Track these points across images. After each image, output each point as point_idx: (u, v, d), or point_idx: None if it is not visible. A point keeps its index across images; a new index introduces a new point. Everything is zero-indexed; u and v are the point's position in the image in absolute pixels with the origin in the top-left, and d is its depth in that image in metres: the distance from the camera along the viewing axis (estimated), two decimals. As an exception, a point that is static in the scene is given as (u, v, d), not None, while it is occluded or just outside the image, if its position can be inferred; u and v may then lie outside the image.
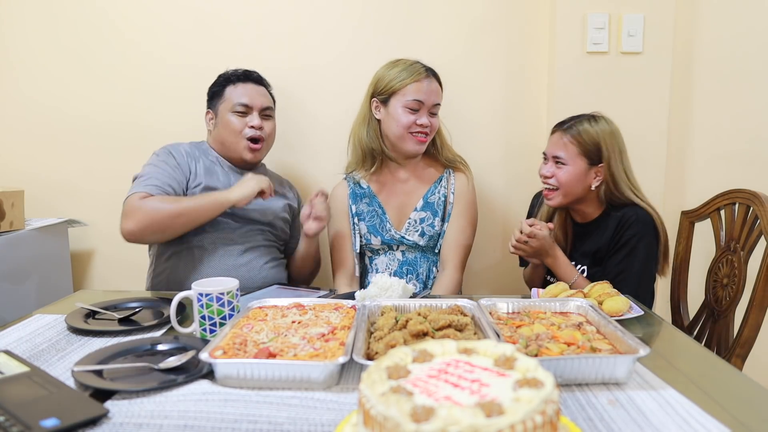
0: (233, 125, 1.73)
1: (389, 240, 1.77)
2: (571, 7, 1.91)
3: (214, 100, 1.78)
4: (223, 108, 1.75)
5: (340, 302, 1.25)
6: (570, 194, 1.61)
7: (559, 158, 1.60)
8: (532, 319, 1.15)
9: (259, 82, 1.80)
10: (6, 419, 0.79)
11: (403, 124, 1.69)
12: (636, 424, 0.82)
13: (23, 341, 1.17)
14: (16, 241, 1.82)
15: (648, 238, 1.58)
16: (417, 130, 1.70)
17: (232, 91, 1.75)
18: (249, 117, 1.74)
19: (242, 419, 0.84)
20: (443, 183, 1.79)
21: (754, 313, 1.59)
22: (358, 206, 1.80)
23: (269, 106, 1.80)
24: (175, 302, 1.17)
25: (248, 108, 1.74)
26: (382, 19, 2.04)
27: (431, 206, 1.77)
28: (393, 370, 0.68)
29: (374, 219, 1.78)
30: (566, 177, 1.59)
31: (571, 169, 1.59)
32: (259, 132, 1.74)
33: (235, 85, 1.75)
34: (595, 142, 1.58)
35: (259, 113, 1.75)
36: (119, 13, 2.05)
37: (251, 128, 1.73)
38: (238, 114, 1.73)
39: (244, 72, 1.79)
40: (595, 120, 1.60)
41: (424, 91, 1.68)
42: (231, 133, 1.73)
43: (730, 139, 2.05)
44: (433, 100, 1.70)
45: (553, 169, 1.61)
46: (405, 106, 1.68)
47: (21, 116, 2.11)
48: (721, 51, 2.01)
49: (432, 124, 1.71)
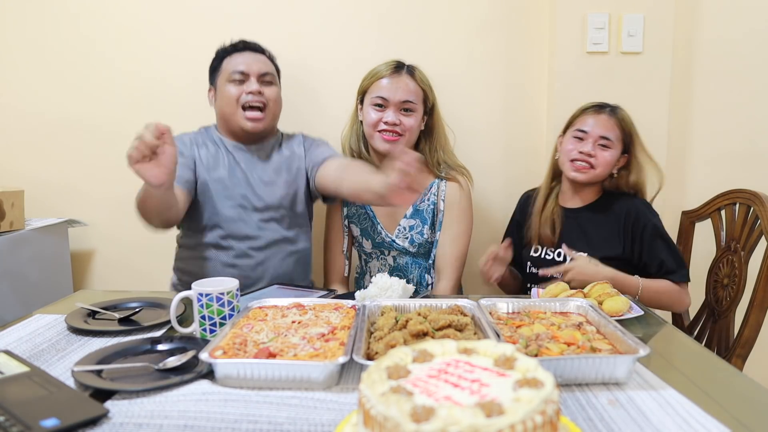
0: (230, 94, 1.65)
1: (380, 243, 1.76)
2: (571, 7, 1.91)
3: (213, 75, 1.73)
4: (221, 80, 1.68)
5: (340, 302, 1.25)
6: (602, 176, 1.64)
7: (607, 139, 1.61)
8: (532, 319, 1.15)
9: (259, 50, 1.73)
10: (6, 419, 0.79)
11: (369, 122, 1.67)
12: (636, 424, 0.82)
13: (23, 341, 1.17)
14: (16, 241, 1.82)
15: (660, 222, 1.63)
16: (383, 128, 1.66)
17: (228, 62, 1.68)
18: (246, 84, 1.65)
19: (242, 419, 0.84)
20: (433, 190, 1.74)
21: (754, 313, 1.59)
22: (350, 209, 1.80)
23: (268, 71, 1.69)
24: (175, 302, 1.17)
25: (245, 75, 1.65)
26: (382, 19, 2.04)
27: (420, 214, 1.74)
28: (393, 370, 0.68)
29: (365, 222, 1.77)
30: (609, 159, 1.62)
31: (615, 153, 1.63)
32: (258, 97, 1.65)
33: (232, 56, 1.69)
34: (630, 132, 1.64)
35: (257, 79, 1.66)
36: (121, 11, 2.05)
37: (249, 94, 1.64)
38: (236, 82, 1.65)
39: (242, 41, 1.72)
40: (620, 109, 1.65)
41: (390, 87, 1.65)
42: (228, 103, 1.66)
43: (730, 139, 2.04)
44: (399, 97, 1.64)
45: (595, 149, 1.61)
46: (372, 104, 1.67)
47: (21, 116, 2.11)
48: (721, 51, 2.01)
49: (403, 123, 1.65)
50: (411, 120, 1.67)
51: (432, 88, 1.74)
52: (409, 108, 1.66)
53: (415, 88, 1.67)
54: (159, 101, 2.08)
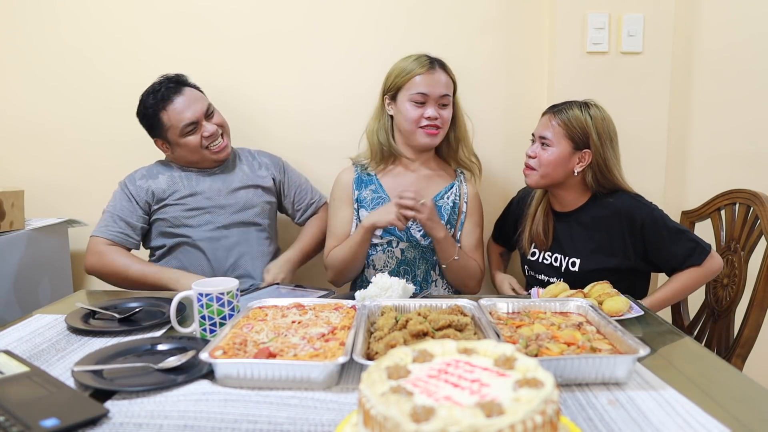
0: (192, 144, 1.72)
1: (392, 230, 1.71)
2: (571, 7, 1.91)
3: (156, 130, 1.75)
4: (173, 134, 1.72)
5: (340, 302, 1.25)
6: (548, 176, 1.61)
7: (545, 138, 1.61)
8: (532, 319, 1.15)
9: (184, 84, 1.76)
10: (6, 419, 0.79)
11: (411, 119, 1.68)
12: (636, 424, 0.82)
13: (23, 341, 1.17)
14: (16, 241, 1.82)
15: (656, 210, 1.60)
16: (426, 123, 1.68)
17: (171, 116, 1.70)
18: (202, 127, 1.72)
19: (242, 419, 0.84)
20: (454, 190, 1.78)
21: (754, 313, 1.60)
22: (362, 192, 1.77)
23: (207, 105, 1.76)
24: (175, 302, 1.17)
25: (196, 123, 1.71)
26: (382, 18, 2.04)
27: (438, 209, 1.73)
28: (393, 370, 0.68)
29: (379, 206, 1.73)
30: (548, 158, 1.60)
31: (555, 151, 1.59)
32: (216, 135, 1.74)
33: (167, 110, 1.70)
34: (583, 127, 1.58)
35: (205, 119, 1.73)
36: (119, 12, 2.05)
37: (208, 137, 1.73)
38: (191, 132, 1.71)
39: (165, 88, 1.72)
40: (587, 106, 1.61)
41: (428, 83, 1.66)
42: (193, 149, 1.73)
43: (730, 139, 2.04)
44: (439, 92, 1.67)
45: (537, 150, 1.62)
46: (411, 100, 1.68)
47: (21, 116, 2.11)
48: (721, 51, 2.00)
49: (442, 116, 1.69)
50: (447, 112, 1.71)
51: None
52: (447, 102, 1.71)
53: (449, 81, 1.71)
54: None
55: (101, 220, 1.74)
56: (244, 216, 1.80)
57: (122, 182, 1.78)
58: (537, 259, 1.71)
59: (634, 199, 1.61)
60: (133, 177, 1.78)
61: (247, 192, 1.82)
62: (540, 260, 1.70)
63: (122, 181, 1.79)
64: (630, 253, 1.59)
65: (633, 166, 1.79)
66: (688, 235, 1.59)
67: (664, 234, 1.57)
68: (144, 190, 1.75)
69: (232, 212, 1.78)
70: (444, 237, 1.62)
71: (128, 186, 1.75)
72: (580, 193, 1.65)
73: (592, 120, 1.58)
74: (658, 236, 1.57)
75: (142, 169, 1.82)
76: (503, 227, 1.93)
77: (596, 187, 1.62)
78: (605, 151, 1.59)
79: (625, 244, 1.59)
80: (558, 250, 1.66)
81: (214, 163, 1.79)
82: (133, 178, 1.78)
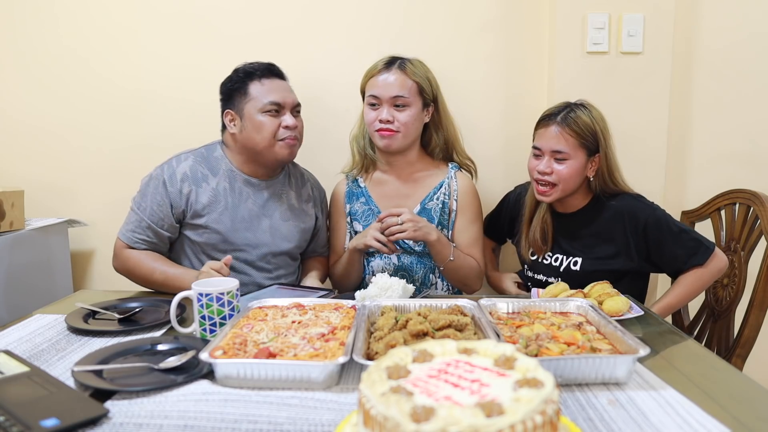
0: (267, 126, 1.58)
1: None
2: (571, 7, 1.91)
3: (235, 99, 1.62)
4: (251, 107, 1.59)
5: (340, 302, 1.25)
6: (568, 189, 1.57)
7: (560, 153, 1.53)
8: (532, 319, 1.15)
9: (283, 76, 1.68)
10: (6, 419, 0.79)
11: (367, 122, 1.68)
12: (636, 424, 0.82)
13: (23, 341, 1.17)
14: (16, 241, 1.82)
15: (659, 210, 1.58)
16: (378, 127, 1.65)
17: (260, 89, 1.59)
18: (283, 117, 1.60)
19: (242, 419, 0.84)
20: (443, 189, 1.73)
21: (754, 313, 1.60)
22: (353, 206, 1.78)
23: (299, 102, 1.66)
24: (175, 302, 1.17)
25: (280, 106, 1.59)
26: (381, 18, 2.04)
27: (428, 212, 1.71)
28: (393, 370, 0.68)
29: (370, 219, 1.74)
30: (569, 172, 1.53)
31: (574, 164, 1.53)
32: (293, 132, 1.61)
33: (260, 82, 1.60)
34: (592, 131, 1.53)
35: (291, 111, 1.62)
36: (120, 12, 2.05)
37: (286, 128, 1.60)
38: (270, 114, 1.59)
39: (267, 65, 1.65)
40: (585, 107, 1.56)
41: (380, 84, 1.64)
42: (266, 135, 1.58)
43: (730, 139, 2.04)
44: (390, 93, 1.63)
45: (553, 165, 1.54)
46: (367, 103, 1.68)
47: (21, 116, 2.11)
48: (721, 51, 2.00)
49: (398, 118, 1.63)
50: (405, 114, 1.64)
51: (430, 79, 1.70)
52: (402, 103, 1.64)
53: (406, 81, 1.64)
54: (160, 101, 2.08)
55: (129, 216, 1.61)
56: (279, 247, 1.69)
57: (161, 174, 1.60)
58: (537, 260, 1.69)
59: (636, 200, 1.59)
60: (174, 174, 1.60)
61: (287, 225, 1.70)
62: (540, 260, 1.69)
63: (161, 172, 1.60)
64: (633, 255, 1.57)
65: (633, 166, 1.79)
66: (691, 235, 1.57)
67: (667, 234, 1.54)
68: (184, 198, 1.58)
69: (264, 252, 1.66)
70: (437, 239, 1.59)
71: (167, 185, 1.58)
72: (584, 196, 1.63)
73: (597, 122, 1.54)
74: (660, 237, 1.54)
75: (186, 163, 1.62)
76: (497, 222, 1.90)
77: (600, 189, 1.59)
78: (610, 153, 1.57)
79: (629, 245, 1.57)
80: (559, 250, 1.65)
81: (274, 162, 1.64)
82: (174, 175, 1.59)
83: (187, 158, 1.64)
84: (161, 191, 1.58)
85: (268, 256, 1.67)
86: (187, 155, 1.65)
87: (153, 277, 1.56)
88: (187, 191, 1.59)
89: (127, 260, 1.60)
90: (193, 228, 1.61)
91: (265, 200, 1.68)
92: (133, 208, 1.62)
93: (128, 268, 1.60)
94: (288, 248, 1.70)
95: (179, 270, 1.57)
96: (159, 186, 1.59)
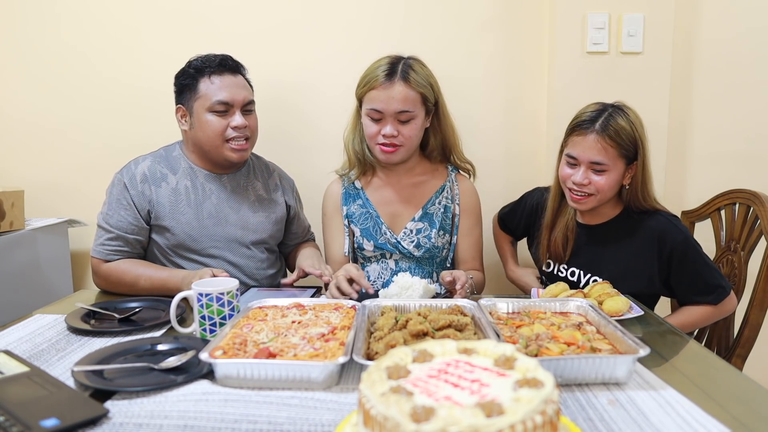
0: (213, 126, 1.54)
1: (383, 245, 1.68)
2: (571, 7, 1.91)
3: (186, 94, 1.58)
4: (199, 106, 1.55)
5: (340, 302, 1.25)
6: (605, 199, 1.48)
7: (599, 164, 1.43)
8: (532, 319, 1.15)
9: (237, 70, 1.60)
10: (6, 419, 0.79)
11: (369, 134, 1.60)
12: (636, 424, 0.82)
13: (23, 341, 1.17)
14: (16, 241, 1.82)
15: (690, 238, 1.50)
16: (381, 141, 1.58)
17: (210, 86, 1.54)
18: (232, 117, 1.55)
19: (242, 419, 0.84)
20: (445, 193, 1.71)
21: (754, 313, 1.60)
22: (350, 207, 1.73)
23: (251, 99, 1.60)
24: (175, 302, 1.17)
25: (228, 106, 1.55)
26: (381, 17, 2.04)
27: (429, 217, 1.68)
28: (393, 370, 0.68)
29: (368, 222, 1.70)
30: (608, 183, 1.44)
31: (613, 175, 1.44)
32: (243, 132, 1.57)
33: (210, 79, 1.54)
34: (633, 140, 1.43)
35: (241, 110, 1.56)
36: (122, 10, 2.04)
37: (235, 128, 1.55)
38: (218, 114, 1.54)
39: (220, 60, 1.57)
40: (624, 112, 1.44)
41: (383, 99, 1.54)
42: (212, 135, 1.55)
43: (730, 139, 2.04)
44: (394, 108, 1.54)
45: (591, 176, 1.44)
46: (368, 116, 1.59)
47: (21, 116, 2.11)
48: (721, 51, 2.00)
49: (402, 133, 1.57)
50: (409, 128, 1.58)
51: (432, 84, 1.64)
52: (407, 118, 1.57)
53: (410, 94, 1.55)
54: (159, 101, 2.07)
55: (97, 232, 1.60)
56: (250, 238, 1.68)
57: (122, 179, 1.58)
58: (552, 271, 1.63)
59: (670, 222, 1.49)
60: (134, 175, 1.58)
61: (257, 216, 1.68)
62: (555, 272, 1.62)
63: (121, 176, 1.59)
64: (655, 279, 1.49)
65: (633, 166, 1.79)
66: (713, 272, 1.49)
67: (691, 265, 1.47)
68: (146, 199, 1.57)
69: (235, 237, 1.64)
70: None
71: (128, 187, 1.57)
72: (613, 205, 1.53)
73: (636, 128, 1.44)
74: (684, 265, 1.46)
75: (144, 163, 1.60)
76: (513, 220, 1.82)
77: (632, 200, 1.49)
78: (647, 161, 1.46)
79: (652, 269, 1.49)
80: (576, 264, 1.57)
81: (225, 161, 1.60)
82: (133, 177, 1.58)
83: (146, 159, 1.63)
84: (124, 195, 1.57)
85: (242, 249, 1.64)
86: (145, 157, 1.64)
87: (139, 285, 1.53)
88: (149, 192, 1.57)
89: (108, 275, 1.56)
90: (159, 231, 1.60)
91: (230, 194, 1.65)
92: (99, 223, 1.60)
93: (111, 282, 1.56)
94: (260, 239, 1.67)
95: (164, 273, 1.54)
96: (121, 190, 1.58)
